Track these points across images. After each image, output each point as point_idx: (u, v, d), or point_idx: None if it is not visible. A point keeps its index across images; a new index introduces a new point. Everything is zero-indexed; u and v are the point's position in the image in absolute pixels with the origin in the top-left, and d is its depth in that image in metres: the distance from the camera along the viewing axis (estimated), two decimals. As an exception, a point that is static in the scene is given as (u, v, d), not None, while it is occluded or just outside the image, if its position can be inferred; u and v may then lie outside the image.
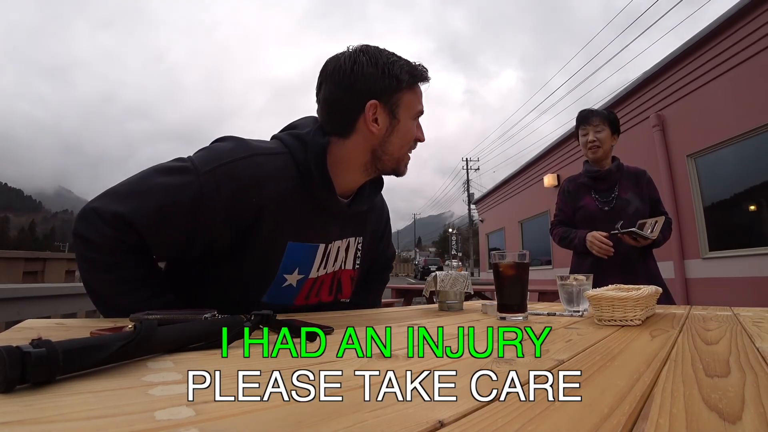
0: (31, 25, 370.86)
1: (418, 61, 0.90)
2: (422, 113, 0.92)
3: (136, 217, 0.72)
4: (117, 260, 0.74)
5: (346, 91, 0.84)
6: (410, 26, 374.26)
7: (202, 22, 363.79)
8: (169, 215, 0.74)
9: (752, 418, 0.28)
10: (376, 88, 0.83)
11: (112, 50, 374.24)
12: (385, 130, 0.86)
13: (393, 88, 0.84)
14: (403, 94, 0.86)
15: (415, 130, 0.91)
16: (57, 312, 1.96)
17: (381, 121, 0.85)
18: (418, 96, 0.90)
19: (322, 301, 0.97)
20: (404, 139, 0.89)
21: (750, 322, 0.78)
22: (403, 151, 0.90)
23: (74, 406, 0.28)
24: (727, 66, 4.92)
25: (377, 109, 0.84)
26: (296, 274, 0.88)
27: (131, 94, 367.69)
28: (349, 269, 1.00)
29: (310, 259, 0.89)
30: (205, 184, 0.74)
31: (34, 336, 0.34)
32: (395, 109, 0.86)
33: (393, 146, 0.88)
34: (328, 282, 0.96)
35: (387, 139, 0.87)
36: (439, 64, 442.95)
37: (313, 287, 0.93)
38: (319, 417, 0.27)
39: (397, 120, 0.87)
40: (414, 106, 0.89)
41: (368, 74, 0.83)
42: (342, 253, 0.97)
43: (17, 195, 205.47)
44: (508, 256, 0.89)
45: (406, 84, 0.86)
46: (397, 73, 0.84)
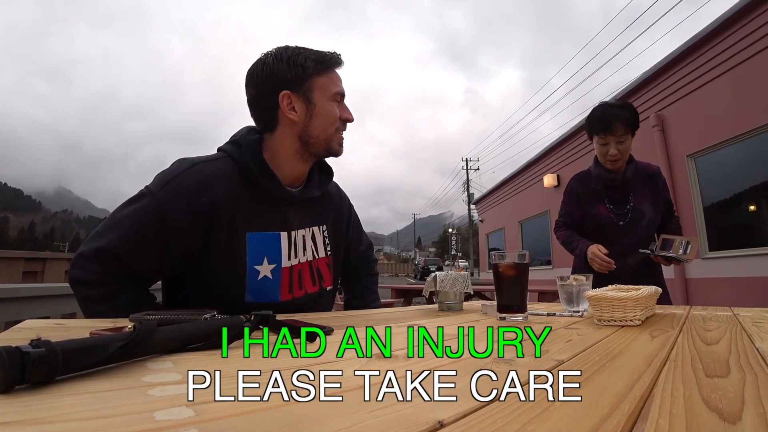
0: (31, 24, 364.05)
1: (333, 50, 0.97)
2: (342, 94, 0.98)
3: (115, 246, 0.81)
4: (110, 291, 0.82)
5: (261, 89, 0.93)
6: (410, 26, 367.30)
7: (202, 22, 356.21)
8: (141, 235, 0.83)
9: (752, 418, 0.28)
10: (285, 80, 0.91)
11: (112, 50, 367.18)
12: (304, 115, 0.93)
13: (301, 76, 0.91)
14: (313, 80, 0.92)
15: (336, 110, 0.96)
16: (56, 312, 1.96)
17: (298, 108, 0.92)
18: (333, 80, 0.96)
19: (309, 292, 1.00)
20: (326, 120, 0.94)
21: (750, 323, 0.78)
22: (328, 132, 0.95)
23: (74, 406, 0.28)
24: (727, 66, 4.92)
25: (291, 98, 0.92)
26: (266, 263, 0.92)
27: (131, 94, 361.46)
28: (323, 257, 1.05)
29: (276, 248, 0.94)
30: (161, 199, 0.83)
31: (33, 336, 0.34)
32: (309, 94, 0.92)
33: (316, 129, 0.94)
34: (307, 272, 1.00)
35: (309, 123, 0.93)
36: (439, 64, 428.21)
37: (293, 278, 0.97)
38: (319, 417, 0.27)
39: (313, 104, 0.93)
40: (329, 89, 0.94)
41: (275, 69, 0.91)
42: (310, 242, 1.02)
43: (17, 195, 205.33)
44: (508, 256, 0.89)
45: (314, 70, 0.92)
46: (302, 62, 0.91)
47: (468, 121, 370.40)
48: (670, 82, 5.80)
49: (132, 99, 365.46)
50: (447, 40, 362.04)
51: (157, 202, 0.83)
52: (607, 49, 14.66)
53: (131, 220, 0.83)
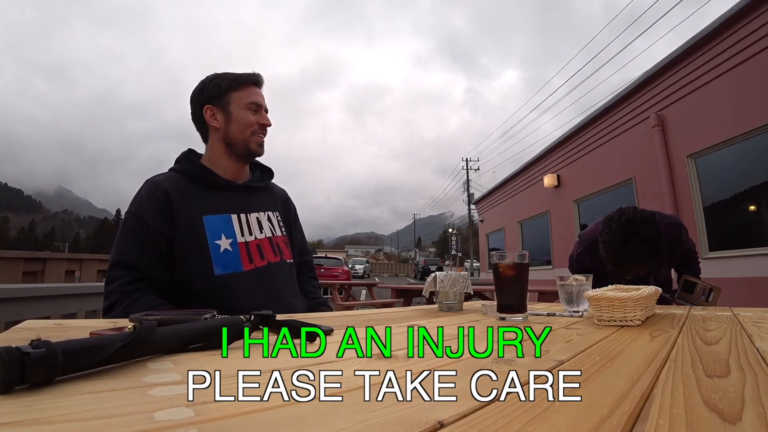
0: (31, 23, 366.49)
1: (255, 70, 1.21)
2: (257, 104, 1.18)
3: (121, 256, 1.01)
4: (131, 300, 0.97)
5: (193, 107, 1.19)
6: (411, 26, 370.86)
7: (202, 21, 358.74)
8: (134, 237, 1.03)
9: (752, 418, 0.28)
10: (207, 97, 1.16)
11: (112, 49, 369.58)
12: (223, 122, 1.16)
13: (218, 93, 1.15)
14: (229, 95, 1.16)
15: (251, 117, 1.17)
16: (56, 312, 1.96)
17: (219, 117, 1.16)
18: (248, 93, 1.18)
19: (271, 261, 1.16)
20: (241, 124, 1.16)
21: (750, 323, 0.78)
22: (245, 134, 1.16)
23: (73, 406, 0.28)
24: (727, 66, 4.92)
25: (213, 110, 1.16)
26: (224, 238, 1.10)
27: (131, 93, 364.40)
28: (280, 235, 1.25)
29: (229, 226, 1.12)
30: (135, 210, 1.06)
31: (33, 336, 0.34)
32: (226, 106, 1.16)
33: (234, 132, 1.16)
34: (268, 245, 1.18)
35: (228, 128, 1.16)
36: (440, 64, 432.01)
37: (251, 251, 1.13)
38: (321, 417, 0.27)
39: (230, 113, 1.16)
40: (243, 100, 1.16)
41: (200, 90, 1.17)
42: (266, 223, 1.21)
43: (17, 195, 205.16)
44: (508, 256, 0.89)
45: (228, 87, 1.16)
46: (218, 83, 1.16)
47: (469, 120, 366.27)
48: (670, 82, 5.80)
49: (132, 98, 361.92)
50: (448, 39, 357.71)
51: (133, 214, 1.05)
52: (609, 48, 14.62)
53: (123, 233, 1.05)
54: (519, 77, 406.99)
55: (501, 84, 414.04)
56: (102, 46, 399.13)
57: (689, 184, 5.51)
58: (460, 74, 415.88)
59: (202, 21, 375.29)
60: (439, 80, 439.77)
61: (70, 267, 3.05)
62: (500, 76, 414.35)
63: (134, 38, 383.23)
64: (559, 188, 9.12)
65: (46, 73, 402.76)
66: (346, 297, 6.68)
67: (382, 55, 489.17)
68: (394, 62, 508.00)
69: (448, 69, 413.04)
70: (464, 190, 34.14)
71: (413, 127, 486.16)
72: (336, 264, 17.31)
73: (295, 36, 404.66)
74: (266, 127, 1.20)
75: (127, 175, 24.75)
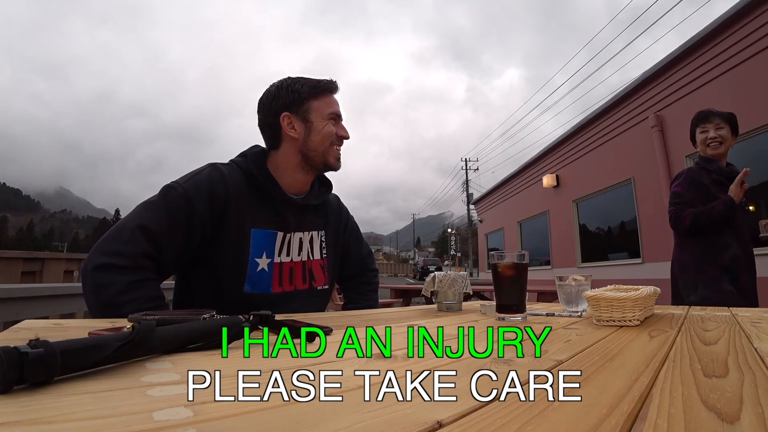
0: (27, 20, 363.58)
1: (330, 77, 1.13)
2: (337, 115, 1.12)
3: (153, 224, 0.91)
4: (138, 278, 0.87)
5: (266, 113, 1.10)
6: (412, 23, 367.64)
7: (201, 19, 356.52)
8: (173, 215, 0.93)
9: (750, 418, 0.28)
10: (285, 104, 1.08)
11: (109, 47, 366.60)
12: (303, 132, 1.08)
13: (298, 100, 1.08)
14: (309, 103, 1.09)
15: (332, 127, 1.11)
16: (55, 312, 1.96)
17: (297, 127, 1.08)
18: (328, 103, 1.11)
19: (298, 288, 1.11)
20: (322, 135, 1.09)
21: (748, 323, 0.78)
22: (324, 145, 1.10)
23: (72, 406, 0.28)
24: (726, 66, 4.93)
25: (291, 118, 1.08)
26: (264, 257, 1.05)
27: (130, 92, 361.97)
28: (318, 259, 1.18)
29: (272, 244, 1.07)
30: (188, 189, 0.96)
31: (32, 336, 0.34)
32: (306, 115, 1.08)
33: (314, 143, 1.09)
34: (299, 270, 1.12)
35: (307, 139, 1.08)
36: (441, 62, 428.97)
37: (283, 273, 1.08)
38: (319, 417, 0.27)
39: (310, 123, 1.09)
40: (323, 110, 1.10)
41: (276, 96, 1.09)
42: (306, 245, 1.15)
43: (16, 194, 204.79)
44: (507, 256, 0.89)
45: (309, 95, 1.09)
46: (298, 89, 1.08)
47: (470, 119, 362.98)
48: (669, 82, 5.81)
49: (131, 97, 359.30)
50: (449, 36, 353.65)
51: (184, 191, 0.95)
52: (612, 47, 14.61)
53: (167, 205, 0.94)
54: (521, 75, 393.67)
55: (503, 82, 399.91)
56: (99, 43, 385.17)
57: (688, 185, 5.52)
58: (461, 72, 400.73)
59: (200, 18, 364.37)
60: (440, 78, 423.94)
61: (68, 267, 3.04)
62: (502, 74, 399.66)
63: (132, 36, 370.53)
64: (558, 188, 9.13)
65: (42, 70, 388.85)
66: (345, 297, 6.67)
67: (383, 53, 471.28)
68: (394, 60, 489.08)
69: (449, 66, 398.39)
70: (463, 190, 34.15)
71: (414, 126, 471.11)
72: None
73: (294, 34, 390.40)
74: (344, 140, 1.14)
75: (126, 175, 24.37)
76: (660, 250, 5.99)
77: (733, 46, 4.81)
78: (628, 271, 6.71)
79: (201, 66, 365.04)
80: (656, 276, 6.01)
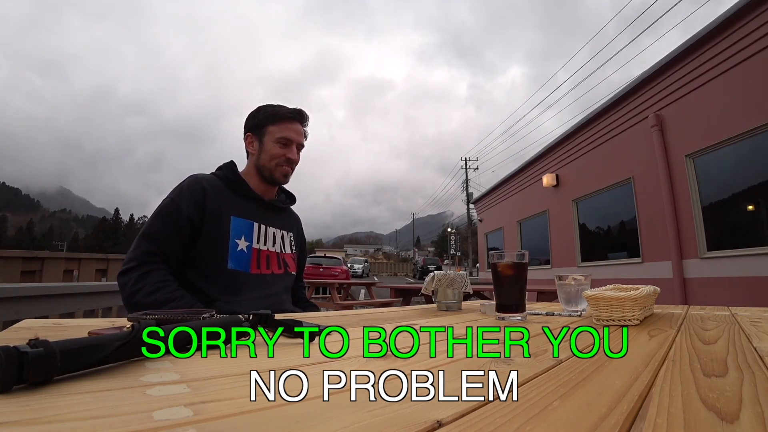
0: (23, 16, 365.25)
1: (299, 106, 1.37)
2: (287, 139, 1.32)
3: (150, 229, 1.15)
4: (146, 270, 1.10)
5: (244, 129, 1.37)
6: (414, 19, 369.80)
7: (200, 15, 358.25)
8: (167, 218, 1.17)
9: (750, 417, 0.28)
10: (249, 126, 1.35)
11: (107, 44, 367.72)
12: (256, 150, 1.34)
13: (257, 125, 1.33)
14: (267, 127, 1.32)
15: (279, 150, 1.31)
16: (55, 312, 1.96)
17: (255, 145, 1.34)
18: (281, 128, 1.32)
19: (275, 273, 1.32)
20: (269, 155, 1.31)
21: (747, 322, 0.78)
22: (271, 164, 1.32)
23: (72, 406, 0.28)
24: (726, 66, 4.93)
25: (252, 138, 1.35)
26: (243, 240, 1.25)
27: (128, 90, 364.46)
28: (289, 252, 1.42)
29: (250, 231, 1.27)
30: (175, 196, 1.20)
31: (31, 336, 0.34)
32: (262, 137, 1.33)
33: (263, 161, 1.32)
34: (275, 258, 1.34)
35: (259, 156, 1.33)
36: (443, 59, 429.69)
37: (260, 258, 1.28)
38: (319, 417, 0.27)
39: (262, 144, 1.33)
40: (274, 135, 1.31)
41: (249, 117, 1.36)
42: (279, 240, 1.37)
43: (15, 194, 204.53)
44: (507, 256, 0.89)
45: (266, 121, 1.32)
46: (259, 115, 1.33)
47: (472, 117, 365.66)
48: (668, 82, 5.80)
49: (129, 95, 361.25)
50: (451, 33, 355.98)
51: (172, 199, 1.19)
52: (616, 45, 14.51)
53: (158, 214, 1.18)
54: (524, 73, 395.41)
55: (505, 80, 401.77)
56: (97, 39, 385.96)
57: (688, 184, 5.52)
58: (464, 69, 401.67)
59: (199, 14, 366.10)
60: (442, 76, 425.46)
61: (68, 266, 3.04)
62: (505, 71, 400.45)
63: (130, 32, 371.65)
64: (558, 188, 9.13)
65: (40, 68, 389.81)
66: (345, 296, 6.68)
67: (384, 50, 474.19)
68: (396, 57, 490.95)
69: (452, 63, 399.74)
70: (463, 190, 34.15)
71: (415, 124, 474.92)
72: (335, 263, 17.29)
73: (294, 30, 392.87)
74: (292, 161, 1.34)
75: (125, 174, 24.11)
76: (659, 250, 6.00)
77: (732, 45, 4.81)
78: (628, 270, 6.72)
79: (200, 63, 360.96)
80: (656, 275, 6.02)
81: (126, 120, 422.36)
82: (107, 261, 3.56)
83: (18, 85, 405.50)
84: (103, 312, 2.39)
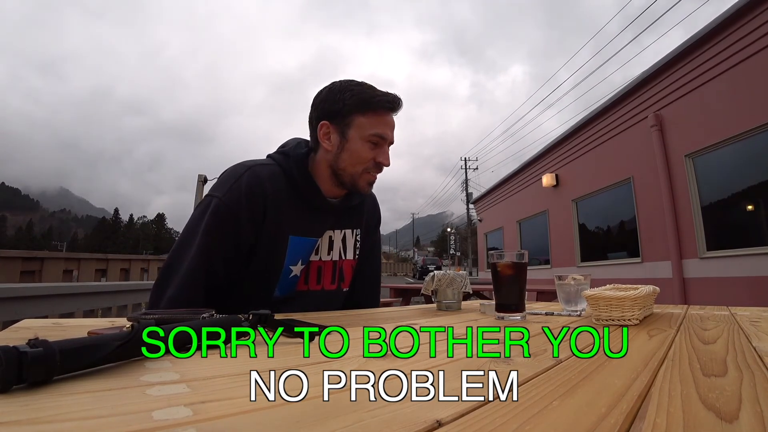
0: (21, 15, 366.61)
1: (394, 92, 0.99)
2: (380, 137, 0.98)
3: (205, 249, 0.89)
4: None
5: (311, 113, 1.01)
6: (415, 17, 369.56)
7: (199, 13, 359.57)
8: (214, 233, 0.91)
9: (749, 417, 0.28)
10: (327, 111, 0.98)
11: (106, 43, 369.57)
12: (336, 147, 0.99)
13: (341, 112, 0.97)
14: (353, 117, 0.97)
15: (368, 151, 0.98)
16: (54, 312, 1.96)
17: (333, 139, 0.99)
18: (374, 122, 0.98)
19: (326, 288, 1.06)
20: (354, 157, 0.98)
21: (747, 322, 0.78)
22: (356, 169, 0.99)
23: (71, 406, 0.28)
24: (726, 66, 4.93)
25: (329, 128, 0.99)
26: (300, 265, 1.01)
27: (127, 89, 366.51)
28: (350, 259, 1.11)
29: (309, 252, 1.03)
30: (227, 200, 0.92)
31: (31, 336, 0.34)
32: (345, 129, 0.97)
33: (344, 162, 0.99)
34: (329, 270, 1.06)
35: (339, 155, 0.99)
36: (444, 58, 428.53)
37: (311, 272, 1.04)
38: (319, 417, 0.27)
39: (346, 140, 0.98)
40: (365, 130, 0.97)
41: (325, 99, 0.99)
42: (339, 243, 1.08)
43: (15, 194, 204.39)
44: (507, 255, 0.89)
45: (354, 108, 0.96)
46: (345, 98, 0.96)
47: (473, 116, 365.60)
48: (668, 81, 5.80)
49: (128, 94, 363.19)
50: (454, 31, 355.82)
51: (223, 203, 0.92)
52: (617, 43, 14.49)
53: (209, 221, 0.91)
54: (526, 72, 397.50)
55: (506, 79, 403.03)
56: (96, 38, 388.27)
57: (687, 184, 5.52)
58: (465, 68, 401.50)
59: (199, 12, 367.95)
60: (443, 74, 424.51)
61: (68, 266, 3.04)
62: (507, 70, 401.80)
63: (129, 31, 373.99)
64: (557, 188, 9.13)
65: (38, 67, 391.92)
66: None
67: (385, 48, 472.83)
68: (397, 55, 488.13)
69: (453, 62, 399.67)
70: (463, 189, 34.16)
71: (416, 123, 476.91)
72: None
73: (294, 28, 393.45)
74: (382, 168, 1.02)
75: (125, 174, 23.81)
76: (659, 250, 6.00)
77: (732, 45, 4.81)
78: (628, 270, 6.72)
79: (200, 62, 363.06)
80: (655, 275, 6.02)
81: (125, 120, 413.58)
82: (107, 261, 3.57)
83: (17, 85, 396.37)
84: (103, 312, 2.39)
